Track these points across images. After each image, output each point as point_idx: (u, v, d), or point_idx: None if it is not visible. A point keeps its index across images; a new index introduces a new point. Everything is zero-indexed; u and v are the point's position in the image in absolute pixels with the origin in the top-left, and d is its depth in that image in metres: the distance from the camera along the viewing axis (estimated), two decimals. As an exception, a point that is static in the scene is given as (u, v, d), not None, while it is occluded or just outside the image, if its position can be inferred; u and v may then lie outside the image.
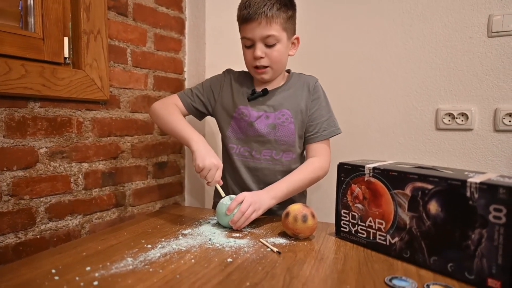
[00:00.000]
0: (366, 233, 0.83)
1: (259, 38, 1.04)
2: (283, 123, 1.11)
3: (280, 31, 1.04)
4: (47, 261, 0.72)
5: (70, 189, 1.10)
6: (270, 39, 1.04)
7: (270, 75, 1.10)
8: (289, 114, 1.12)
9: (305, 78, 1.17)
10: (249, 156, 1.14)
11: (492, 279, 0.62)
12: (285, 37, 1.07)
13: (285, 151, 1.13)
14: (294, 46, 1.14)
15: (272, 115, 1.12)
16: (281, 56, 1.08)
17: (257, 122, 1.12)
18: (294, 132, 1.12)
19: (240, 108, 1.14)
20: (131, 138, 1.31)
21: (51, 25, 1.03)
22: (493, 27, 1.25)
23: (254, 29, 1.03)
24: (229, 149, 1.17)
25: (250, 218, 0.94)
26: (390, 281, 0.64)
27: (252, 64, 1.09)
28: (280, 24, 1.04)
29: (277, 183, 1.05)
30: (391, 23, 1.43)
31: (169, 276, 0.65)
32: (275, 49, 1.06)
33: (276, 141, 1.12)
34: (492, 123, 1.27)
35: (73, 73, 1.07)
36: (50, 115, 1.04)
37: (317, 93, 1.14)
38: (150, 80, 1.38)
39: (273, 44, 1.05)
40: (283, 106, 1.12)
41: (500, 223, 0.60)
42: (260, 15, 1.01)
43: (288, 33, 1.08)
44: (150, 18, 1.37)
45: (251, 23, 1.03)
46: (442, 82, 1.35)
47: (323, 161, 1.12)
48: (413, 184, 0.72)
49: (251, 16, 1.02)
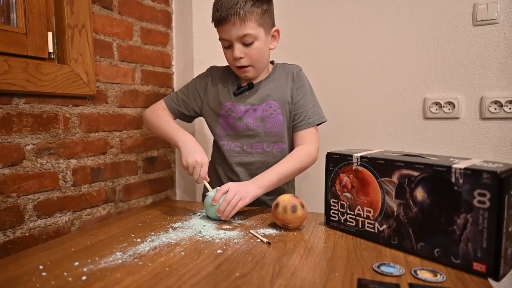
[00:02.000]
0: (355, 222, 0.83)
1: (235, 38, 1.02)
2: (271, 115, 1.11)
3: (256, 28, 1.03)
4: (35, 257, 0.71)
5: (59, 185, 1.09)
6: (246, 38, 1.02)
7: (252, 73, 1.10)
8: (276, 105, 1.12)
9: (289, 67, 1.16)
10: (241, 151, 1.14)
11: (477, 262, 0.63)
12: (262, 33, 1.05)
13: (275, 143, 1.14)
14: (275, 38, 1.12)
15: (259, 108, 1.12)
16: (260, 53, 1.06)
17: (245, 117, 1.12)
18: (283, 123, 1.12)
19: (226, 105, 1.14)
20: (119, 133, 1.30)
21: (34, 19, 1.01)
22: (477, 16, 1.26)
23: (229, 30, 1.02)
24: (221, 146, 1.17)
25: (236, 207, 0.94)
26: (378, 268, 0.65)
27: (233, 64, 1.08)
28: (255, 21, 1.02)
29: (264, 172, 1.05)
30: (378, 13, 1.43)
31: (159, 268, 0.65)
32: (254, 47, 1.04)
33: (266, 133, 1.12)
34: (478, 111, 1.29)
35: (58, 68, 1.05)
36: (35, 111, 1.02)
37: (301, 82, 1.13)
38: (137, 75, 1.37)
39: (251, 42, 1.03)
40: (269, 98, 1.12)
41: (484, 207, 0.61)
42: (233, 15, 0.99)
43: (265, 28, 1.06)
44: (136, 12, 1.35)
45: (225, 25, 1.02)
46: (429, 71, 1.36)
47: (311, 148, 1.11)
48: (400, 172, 0.73)
49: (224, 17, 1.00)
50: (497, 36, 1.25)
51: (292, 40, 1.59)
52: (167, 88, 1.52)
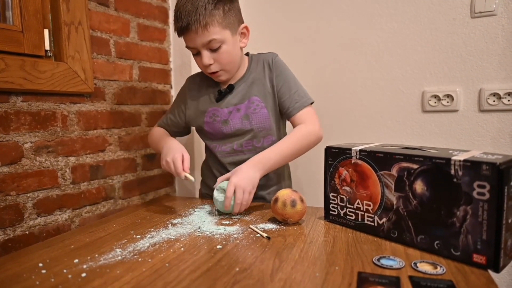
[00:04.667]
0: (354, 215, 0.83)
1: (201, 46, 1.00)
2: (254, 110, 1.10)
3: (221, 32, 0.99)
4: (34, 255, 0.71)
5: (58, 183, 1.08)
6: (212, 43, 0.99)
7: (226, 76, 1.08)
8: (258, 100, 1.10)
9: (263, 57, 1.14)
10: (232, 152, 1.14)
11: (477, 254, 0.63)
12: (228, 35, 1.02)
13: (264, 137, 1.13)
14: (244, 36, 1.09)
15: (243, 106, 1.11)
16: (230, 56, 1.04)
17: (230, 118, 1.11)
18: (269, 116, 1.11)
19: (209, 111, 1.13)
20: (118, 130, 1.29)
21: (30, 17, 1.00)
22: (475, 8, 1.25)
23: (193, 39, 0.99)
24: (212, 148, 1.18)
25: (249, 199, 0.94)
26: (378, 261, 0.65)
27: (204, 70, 1.07)
28: (218, 25, 0.98)
29: (264, 152, 1.01)
30: (375, 6, 1.42)
31: (158, 264, 0.65)
32: (222, 52, 1.01)
33: (253, 130, 1.11)
34: (477, 104, 1.29)
35: (55, 66, 1.05)
36: (33, 109, 1.02)
37: (278, 68, 1.10)
38: (135, 71, 1.36)
39: (218, 47, 1.00)
40: (250, 94, 1.11)
41: (484, 199, 0.61)
42: (194, 23, 0.96)
43: (231, 29, 1.02)
44: (132, 8, 1.34)
45: (188, 34, 0.99)
46: (427, 64, 1.36)
47: (310, 126, 1.07)
48: (399, 165, 0.73)
49: (185, 26, 0.97)
50: (495, 28, 1.24)
51: (289, 34, 1.59)
52: (165, 85, 1.52)
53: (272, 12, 1.62)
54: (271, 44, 1.62)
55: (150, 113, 1.44)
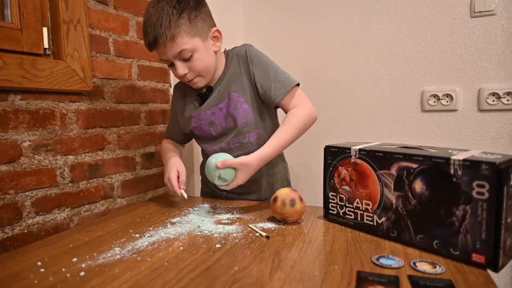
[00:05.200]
0: (353, 215, 0.83)
1: (172, 57, 0.99)
2: (235, 106, 1.09)
3: (190, 41, 0.98)
4: (33, 254, 0.71)
5: (56, 182, 1.08)
6: (183, 53, 0.98)
7: (203, 81, 1.07)
8: (237, 96, 1.09)
9: (237, 50, 1.12)
10: (221, 151, 1.14)
11: (476, 254, 0.63)
12: (199, 42, 1.00)
13: (249, 132, 1.12)
14: (217, 39, 1.07)
15: (223, 105, 1.10)
16: (203, 62, 1.02)
17: (215, 119, 1.12)
18: (250, 110, 1.09)
19: (194, 116, 1.14)
20: (117, 129, 1.29)
21: (28, 15, 1.00)
22: (475, 8, 1.25)
23: (164, 52, 0.98)
24: (204, 149, 1.21)
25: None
26: (377, 260, 0.65)
27: (181, 80, 1.06)
28: (186, 34, 0.97)
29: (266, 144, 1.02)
30: (375, 6, 1.42)
31: (157, 263, 0.65)
32: (194, 60, 1.00)
33: (237, 126, 1.10)
34: (476, 103, 1.29)
35: (53, 64, 1.04)
36: (32, 108, 1.01)
37: (254, 59, 1.08)
38: (134, 70, 1.36)
39: (190, 56, 0.99)
40: (228, 90, 1.10)
41: (483, 198, 0.61)
42: (161, 37, 0.94)
43: (201, 35, 1.00)
44: (131, 6, 1.34)
45: (157, 48, 0.98)
46: (427, 64, 1.36)
47: (304, 108, 1.05)
48: (398, 164, 0.73)
49: (153, 42, 0.96)
50: (494, 28, 1.24)
51: (288, 34, 1.58)
52: (164, 83, 1.51)
53: (272, 12, 1.62)
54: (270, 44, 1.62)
55: (149, 111, 1.43)
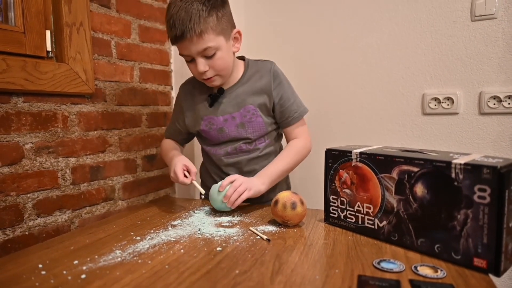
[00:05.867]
0: (354, 218, 0.83)
1: (196, 54, 0.98)
2: (250, 119, 1.10)
3: (216, 39, 0.98)
4: (34, 256, 0.71)
5: (58, 184, 1.08)
6: (207, 51, 0.98)
7: (219, 81, 1.07)
8: (254, 109, 1.10)
9: (262, 65, 1.13)
10: (226, 154, 1.14)
11: (478, 258, 0.63)
12: (223, 41, 1.00)
13: (258, 139, 1.14)
14: (237, 40, 1.08)
15: (238, 115, 1.10)
16: (225, 62, 1.03)
17: (225, 127, 1.11)
18: (263, 124, 1.11)
19: (205, 119, 1.13)
20: (118, 131, 1.29)
21: (32, 18, 1.00)
22: (476, 11, 1.26)
23: (188, 47, 0.97)
24: (207, 152, 1.19)
25: (242, 196, 0.96)
26: (378, 264, 0.65)
27: (199, 77, 1.05)
28: (213, 32, 0.97)
29: (265, 169, 1.06)
30: (376, 9, 1.42)
31: (158, 266, 0.65)
32: (216, 58, 1.00)
33: (248, 137, 1.12)
34: (477, 106, 1.29)
35: (56, 67, 1.05)
36: (34, 110, 1.02)
37: (278, 78, 1.10)
38: (136, 73, 1.36)
39: (213, 54, 0.99)
40: (245, 102, 1.10)
41: (485, 202, 0.61)
42: (189, 32, 0.94)
43: (225, 35, 1.01)
44: (133, 10, 1.35)
45: (182, 42, 0.97)
46: (427, 67, 1.36)
47: (304, 141, 1.13)
48: (400, 168, 0.73)
49: (180, 35, 0.95)
50: (495, 31, 1.24)
51: (289, 37, 1.59)
52: (165, 86, 1.52)
53: (272, 15, 1.62)
54: (271, 47, 1.62)
55: (150, 114, 1.44)
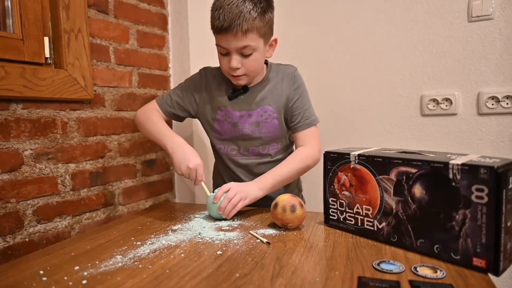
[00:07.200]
0: (354, 220, 0.83)
1: (234, 49, 0.99)
2: (266, 119, 1.11)
3: (257, 39, 0.99)
4: (35, 262, 0.71)
5: (58, 190, 1.08)
6: (246, 49, 0.99)
7: (246, 80, 1.07)
8: (271, 110, 1.10)
9: (284, 68, 1.14)
10: (237, 154, 1.15)
11: (477, 258, 0.63)
12: (262, 44, 1.02)
13: (270, 144, 1.14)
14: (272, 47, 1.10)
15: (255, 113, 1.11)
16: (257, 64, 1.04)
17: (240, 122, 1.11)
18: (278, 126, 1.12)
19: (223, 110, 1.13)
20: (118, 136, 1.30)
21: (30, 25, 1.01)
22: (473, 12, 1.26)
23: (230, 41, 0.98)
24: (217, 149, 1.18)
25: (237, 206, 0.95)
26: (378, 265, 0.65)
27: (228, 72, 1.05)
28: (257, 33, 0.98)
29: (265, 174, 1.05)
30: (373, 11, 1.43)
31: (159, 271, 0.65)
32: (251, 59, 1.01)
33: (261, 138, 1.12)
34: (476, 107, 1.29)
35: (55, 73, 1.05)
36: (33, 116, 1.02)
37: (297, 82, 1.12)
38: (134, 78, 1.37)
39: (250, 53, 1.00)
40: (264, 102, 1.11)
41: (483, 202, 0.61)
42: (236, 27, 0.94)
43: (265, 39, 1.03)
44: (131, 15, 1.35)
45: (225, 34, 0.97)
46: (425, 68, 1.36)
47: (311, 149, 1.10)
48: (398, 169, 0.73)
49: (226, 27, 0.95)
50: (492, 32, 1.25)
51: (288, 38, 1.59)
52: (164, 91, 1.52)
53: (271, 18, 1.63)
54: (269, 50, 1.62)
55: (149, 119, 1.44)
